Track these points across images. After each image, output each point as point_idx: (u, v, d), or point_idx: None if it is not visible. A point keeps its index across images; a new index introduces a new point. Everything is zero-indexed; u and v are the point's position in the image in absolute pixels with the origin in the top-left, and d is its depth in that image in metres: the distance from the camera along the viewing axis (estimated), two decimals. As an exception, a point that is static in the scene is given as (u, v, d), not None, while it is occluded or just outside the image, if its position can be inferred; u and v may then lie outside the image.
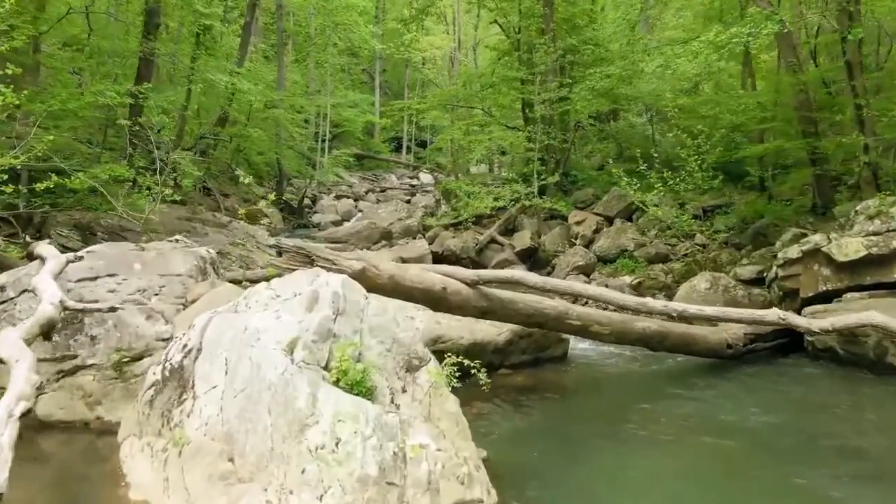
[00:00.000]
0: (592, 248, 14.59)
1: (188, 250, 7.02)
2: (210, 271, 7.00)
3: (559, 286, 6.15)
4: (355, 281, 5.74)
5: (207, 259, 7.04)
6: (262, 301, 5.44)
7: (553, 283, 6.15)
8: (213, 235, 14.06)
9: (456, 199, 21.04)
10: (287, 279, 5.65)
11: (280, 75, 24.02)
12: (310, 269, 5.89)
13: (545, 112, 15.37)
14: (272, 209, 23.39)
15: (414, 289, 6.23)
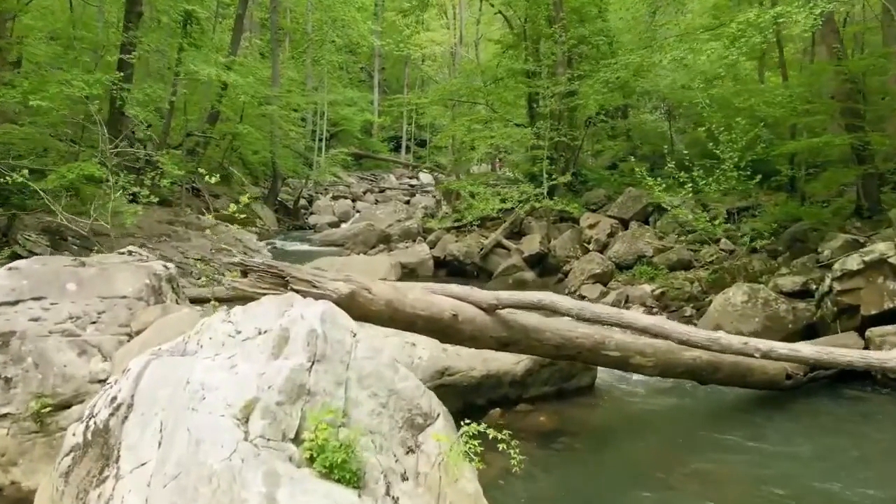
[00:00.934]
0: (607, 253, 13.18)
1: (140, 265, 5.59)
2: (166, 291, 5.57)
3: (603, 314, 4.75)
4: (342, 309, 4.34)
5: (163, 276, 5.61)
6: (218, 339, 4.03)
7: (594, 311, 4.75)
8: (196, 240, 12.65)
9: (458, 200, 19.65)
10: (252, 309, 4.24)
11: (274, 71, 22.56)
12: (283, 293, 4.47)
13: (555, 107, 13.95)
14: (266, 210, 21.98)
15: (417, 316, 4.82)
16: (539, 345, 5.28)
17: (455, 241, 14.90)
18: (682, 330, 4.75)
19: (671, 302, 10.87)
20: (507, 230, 14.82)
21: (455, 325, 4.94)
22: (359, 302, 4.63)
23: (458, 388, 6.19)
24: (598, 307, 4.87)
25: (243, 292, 4.58)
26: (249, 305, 4.29)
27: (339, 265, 14.37)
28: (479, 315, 5.06)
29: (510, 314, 5.18)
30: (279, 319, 3.96)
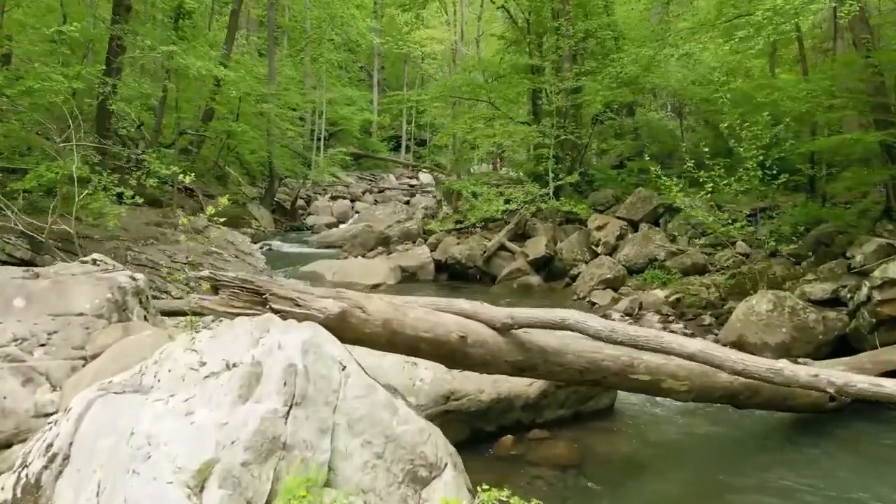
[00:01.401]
0: (616, 256, 12.42)
1: (101, 276, 4.82)
2: (132, 306, 4.81)
3: (639, 338, 3.95)
4: (331, 332, 3.59)
5: (128, 288, 4.85)
6: (177, 372, 3.27)
7: (629, 334, 3.95)
8: (186, 243, 11.86)
9: (459, 201, 18.89)
10: (222, 334, 3.48)
11: (271, 69, 21.78)
12: (262, 313, 3.71)
13: (562, 103, 13.18)
14: (262, 211, 21.21)
15: (419, 339, 4.06)
16: (560, 369, 4.52)
17: (457, 243, 14.13)
18: (735, 358, 3.97)
19: (687, 309, 10.11)
20: (510, 232, 14.06)
21: (463, 349, 4.18)
22: (351, 323, 3.87)
23: (465, 414, 5.44)
24: (633, 329, 4.11)
25: (212, 312, 3.81)
26: (219, 329, 3.54)
27: (335, 269, 13.63)
28: (491, 336, 4.30)
29: (526, 335, 4.42)
30: (252, 349, 3.20)
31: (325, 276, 13.13)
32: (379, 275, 13.19)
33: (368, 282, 12.89)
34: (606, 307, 10.40)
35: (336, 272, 13.29)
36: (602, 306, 10.49)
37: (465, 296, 12.52)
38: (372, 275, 13.18)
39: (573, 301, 11.18)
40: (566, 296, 11.76)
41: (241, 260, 11.78)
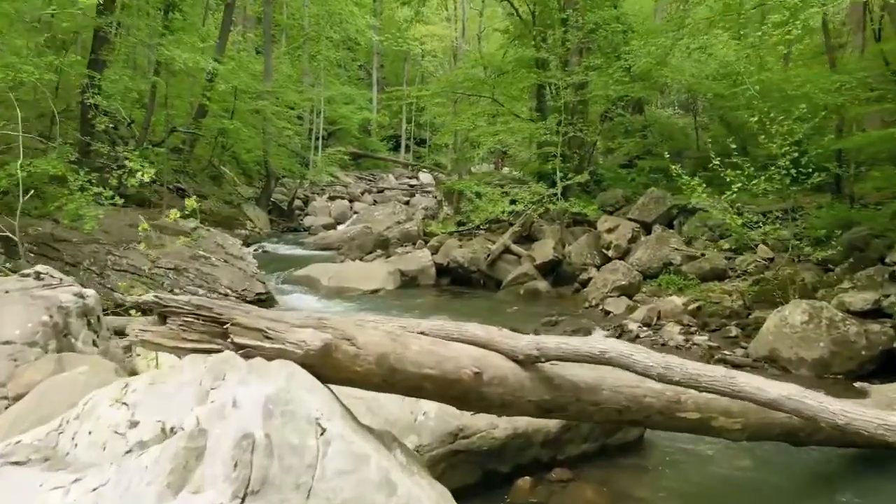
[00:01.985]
0: (629, 260, 11.55)
1: (39, 294, 3.93)
2: (77, 330, 3.92)
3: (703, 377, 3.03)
4: (310, 371, 2.72)
5: (72, 309, 3.96)
6: (99, 437, 2.41)
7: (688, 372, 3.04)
8: (172, 246, 10.96)
9: (462, 202, 18.01)
10: (165, 380, 2.59)
11: (267, 65, 20.88)
12: (222, 348, 2.82)
13: (570, 98, 12.29)
14: (258, 211, 20.31)
15: (423, 378, 3.18)
16: (595, 409, 3.64)
17: (459, 246, 13.25)
18: (835, 409, 3.03)
19: (710, 319, 9.23)
20: (515, 234, 13.18)
21: (478, 388, 3.30)
22: (337, 360, 2.99)
23: (476, 454, 4.55)
24: (693, 366, 3.22)
25: (157, 348, 2.93)
26: (164, 374, 2.64)
27: (331, 273, 12.74)
28: (512, 371, 3.42)
29: (555, 368, 3.54)
30: (198, 407, 2.32)
31: (321, 281, 12.25)
32: (377, 279, 12.31)
33: (366, 287, 12.02)
34: (622, 316, 9.52)
35: (332, 276, 12.41)
36: (617, 315, 9.61)
37: (468, 302, 11.70)
38: (370, 279, 12.30)
39: (585, 309, 10.30)
40: (577, 303, 10.88)
41: (230, 264, 10.88)
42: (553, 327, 9.09)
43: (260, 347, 2.85)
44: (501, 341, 3.44)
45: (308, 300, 11.22)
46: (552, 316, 9.65)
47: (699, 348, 8.20)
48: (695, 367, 3.19)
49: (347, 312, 10.08)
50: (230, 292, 10.13)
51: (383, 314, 10.29)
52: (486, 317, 10.09)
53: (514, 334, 3.54)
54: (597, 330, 9.04)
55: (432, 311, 10.39)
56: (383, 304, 11.05)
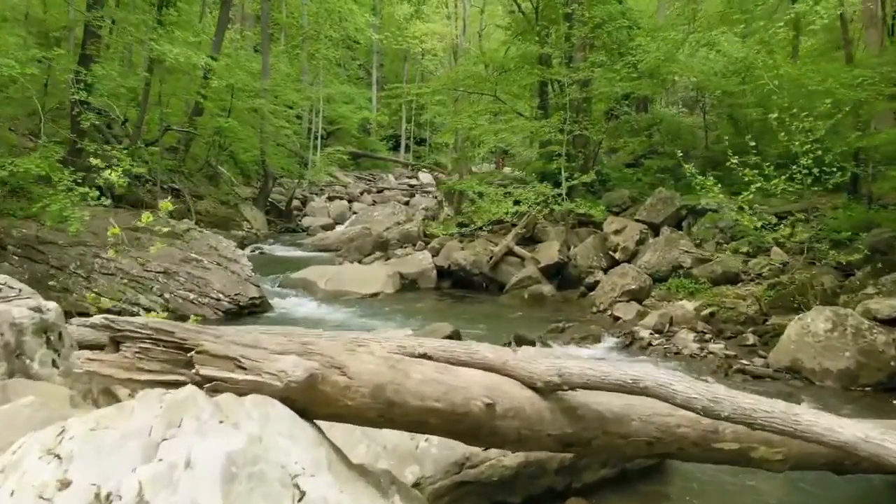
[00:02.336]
0: (637, 263, 11.05)
1: (-11, 310, 3.42)
2: (32, 350, 3.43)
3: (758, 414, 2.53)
4: (292, 407, 2.22)
5: (27, 326, 3.46)
6: (23, 499, 1.87)
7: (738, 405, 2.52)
8: (164, 248, 10.45)
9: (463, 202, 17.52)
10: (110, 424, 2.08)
11: (264, 63, 20.36)
12: (185, 380, 2.32)
13: (576, 95, 11.79)
14: (255, 212, 19.80)
15: (427, 410, 2.69)
16: (623, 443, 3.14)
17: (461, 248, 12.74)
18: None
19: (724, 325, 8.74)
20: (518, 236, 12.68)
21: (491, 422, 2.80)
22: (324, 393, 2.49)
23: (485, 486, 4.05)
24: (745, 399, 2.69)
25: (108, 381, 2.43)
26: (106, 417, 2.14)
27: (329, 276, 12.24)
28: (529, 401, 2.91)
29: (578, 397, 3.04)
30: (143, 466, 1.81)
31: (318, 284, 11.75)
32: (376, 283, 11.81)
33: (364, 291, 11.52)
34: (632, 322, 9.03)
35: (329, 280, 11.90)
36: (627, 321, 9.12)
37: (470, 307, 11.19)
38: (368, 283, 11.79)
39: (593, 314, 9.80)
40: (583, 307, 10.38)
41: (223, 267, 10.38)
42: (560, 334, 8.60)
43: (231, 380, 2.35)
44: (517, 366, 2.94)
45: (304, 305, 10.72)
46: (559, 322, 9.16)
47: (715, 357, 7.72)
48: (748, 401, 2.68)
49: (345, 319, 9.58)
50: (222, 297, 9.63)
51: (382, 320, 9.80)
52: (489, 323, 9.59)
53: (531, 358, 3.03)
54: (606, 337, 8.56)
55: (433, 316, 9.89)
56: (382, 308, 10.56)
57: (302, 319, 9.59)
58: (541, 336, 8.36)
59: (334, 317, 9.75)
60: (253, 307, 9.87)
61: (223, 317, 9.51)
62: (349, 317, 9.83)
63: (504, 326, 9.20)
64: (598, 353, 8.02)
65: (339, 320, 9.43)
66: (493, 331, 8.79)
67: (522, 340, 8.14)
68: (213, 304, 9.60)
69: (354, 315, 9.96)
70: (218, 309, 9.58)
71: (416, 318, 9.65)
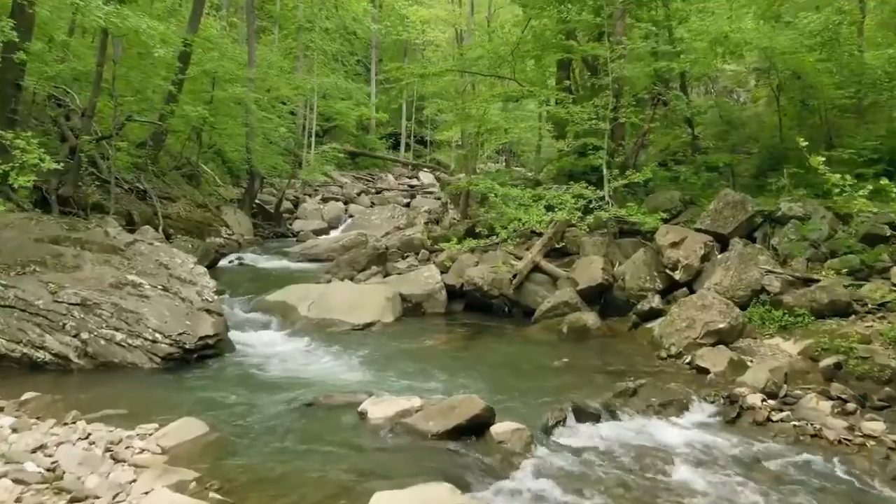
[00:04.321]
0: (704, 284, 8.18)
1: None
2: None
3: None
4: None
5: None
6: None
7: None
8: (91, 268, 7.54)
9: (473, 205, 14.63)
10: None
11: (251, 51, 17.40)
12: None
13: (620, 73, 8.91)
14: (240, 215, 16.84)
15: None
16: None
17: (475, 262, 9.85)
18: None
19: (857, 383, 5.86)
20: (546, 247, 9.79)
21: None
22: None
23: None
24: None
25: None
26: None
27: (313, 298, 9.28)
28: None
29: None
30: None
31: (298, 310, 8.85)
32: (371, 308, 8.91)
33: (356, 320, 8.62)
34: (727, 378, 6.14)
35: (313, 304, 8.99)
36: (718, 375, 6.21)
37: (493, 345, 7.46)
38: (361, 308, 8.89)
39: (661, 360, 6.89)
40: (642, 347, 7.49)
41: (171, 294, 7.46)
42: (630, 398, 5.71)
43: None
44: None
45: (276, 342, 7.81)
46: (615, 369, 6.27)
47: (880, 446, 4.84)
48: None
49: (325, 370, 6.65)
50: (160, 337, 6.72)
51: (375, 370, 6.87)
52: (524, 374, 6.69)
53: None
54: (696, 402, 5.67)
55: (446, 360, 7.00)
56: (378, 346, 7.65)
57: (266, 367, 6.69)
58: (606, 403, 5.48)
59: (310, 365, 6.83)
60: (205, 349, 6.96)
61: (161, 365, 6.60)
62: (332, 363, 6.92)
63: (546, 380, 6.32)
64: (693, 432, 5.15)
65: (315, 373, 6.51)
66: (534, 390, 5.91)
67: (583, 412, 5.28)
68: (147, 346, 6.68)
69: (340, 358, 7.06)
70: (154, 354, 6.66)
71: (423, 364, 6.76)
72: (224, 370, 6.60)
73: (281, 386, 6.00)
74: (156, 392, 5.88)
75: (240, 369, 6.61)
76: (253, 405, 5.43)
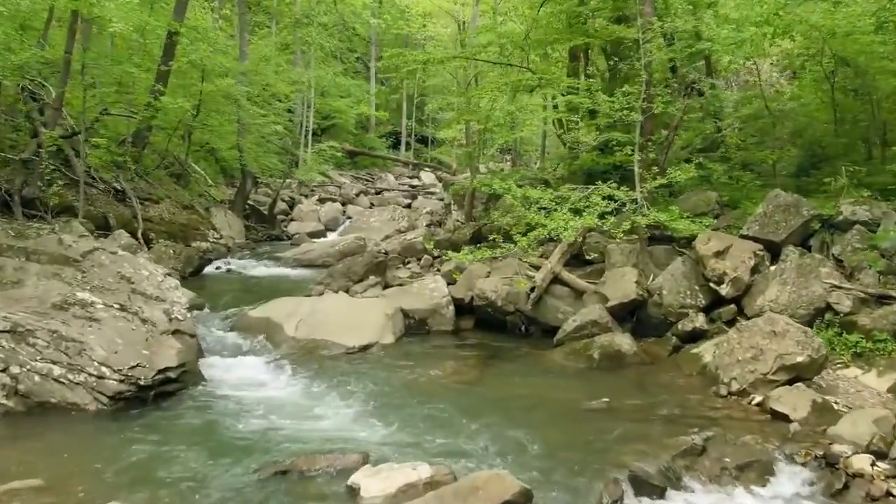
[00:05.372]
0: (756, 302, 6.83)
1: None
2: None
3: None
4: None
5: None
6: None
7: None
8: (35, 284, 6.16)
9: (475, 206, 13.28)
10: None
11: (241, 43, 16.00)
12: None
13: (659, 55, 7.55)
14: (230, 217, 15.43)
15: None
16: None
17: (487, 272, 8.47)
18: None
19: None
20: (566, 255, 8.41)
21: None
22: None
23: None
24: None
25: None
26: None
27: (302, 314, 7.84)
28: None
29: None
30: None
31: (284, 329, 7.46)
32: (368, 327, 7.53)
33: (351, 341, 7.23)
34: (813, 428, 4.75)
35: (302, 321, 7.60)
36: (801, 422, 4.82)
37: (512, 373, 5.41)
38: (357, 327, 7.50)
39: (721, 400, 5.50)
40: (689, 379, 6.11)
41: (128, 314, 6.07)
42: (698, 458, 4.33)
43: None
44: None
45: (255, 371, 6.41)
46: (688, 430, 4.79)
47: None
48: None
49: (309, 411, 5.25)
50: (107, 371, 5.34)
51: (368, 417, 5.33)
52: (556, 423, 5.28)
53: None
54: (781, 463, 4.30)
55: (457, 400, 5.61)
56: (376, 375, 6.26)
57: (236, 409, 5.30)
58: (669, 467, 4.11)
59: (291, 406, 5.43)
60: (165, 384, 5.57)
61: (109, 406, 5.22)
62: (318, 402, 5.52)
63: (586, 430, 4.93)
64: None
65: (296, 418, 5.11)
66: (574, 446, 4.53)
67: (643, 484, 3.90)
68: (92, 383, 5.30)
69: (328, 396, 5.67)
70: (100, 392, 5.27)
71: (430, 405, 5.38)
72: (184, 414, 5.21)
73: (251, 439, 4.63)
74: (91, 448, 4.50)
75: (204, 414, 5.21)
76: (209, 473, 4.05)
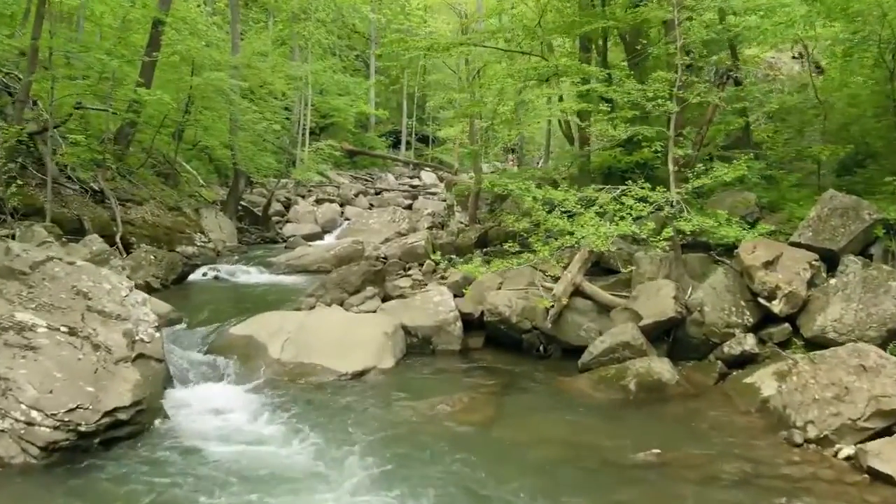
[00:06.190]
0: (816, 321, 5.73)
1: None
2: None
3: None
4: None
5: None
6: None
7: None
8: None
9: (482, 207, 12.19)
10: None
11: (233, 36, 14.90)
12: None
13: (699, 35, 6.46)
14: (221, 219, 14.32)
15: None
16: None
17: (498, 283, 7.37)
18: None
19: None
20: (586, 262, 7.30)
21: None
22: None
23: None
24: None
25: None
26: None
27: (289, 332, 6.71)
28: None
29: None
30: None
31: (268, 350, 6.36)
32: (365, 348, 6.42)
33: (343, 367, 6.13)
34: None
35: (289, 340, 6.50)
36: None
37: (532, 408, 3.69)
38: (352, 348, 6.39)
39: (796, 450, 4.40)
40: (747, 418, 5.01)
41: (81, 338, 4.96)
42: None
43: None
44: None
45: (228, 408, 5.29)
46: (771, 496, 3.67)
47: None
48: None
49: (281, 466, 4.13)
50: (37, 416, 4.24)
51: (359, 477, 3.83)
52: (598, 486, 4.12)
53: None
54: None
55: (469, 447, 4.49)
56: (368, 417, 5.13)
57: (198, 463, 4.19)
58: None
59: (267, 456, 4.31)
60: (115, 428, 4.47)
61: (41, 459, 4.11)
62: (299, 451, 4.40)
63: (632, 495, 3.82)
64: None
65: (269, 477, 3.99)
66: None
67: None
68: (19, 431, 4.19)
69: (312, 441, 4.55)
70: (30, 442, 4.17)
71: (434, 457, 4.27)
72: (133, 471, 4.10)
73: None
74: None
75: (157, 469, 4.10)
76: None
